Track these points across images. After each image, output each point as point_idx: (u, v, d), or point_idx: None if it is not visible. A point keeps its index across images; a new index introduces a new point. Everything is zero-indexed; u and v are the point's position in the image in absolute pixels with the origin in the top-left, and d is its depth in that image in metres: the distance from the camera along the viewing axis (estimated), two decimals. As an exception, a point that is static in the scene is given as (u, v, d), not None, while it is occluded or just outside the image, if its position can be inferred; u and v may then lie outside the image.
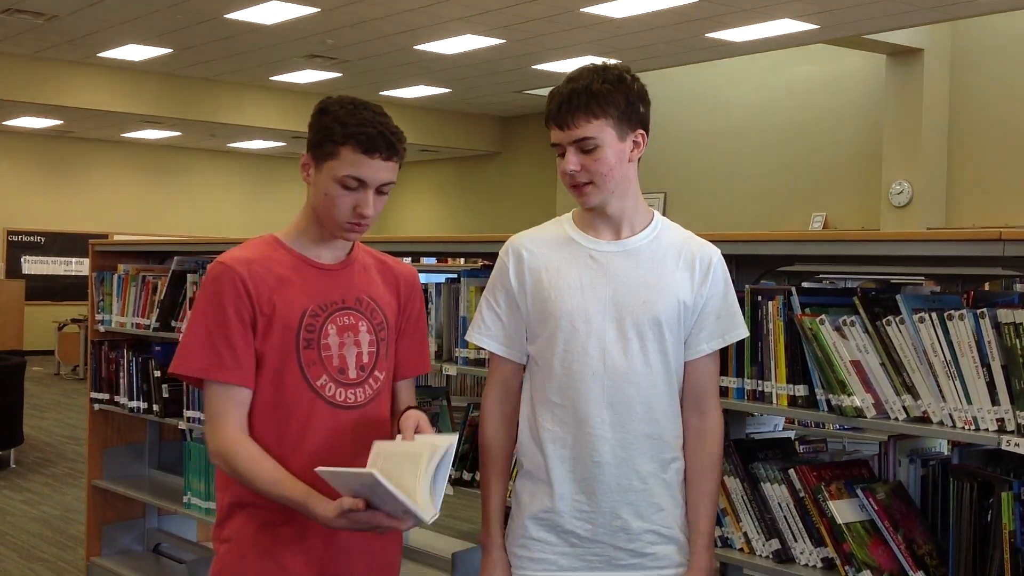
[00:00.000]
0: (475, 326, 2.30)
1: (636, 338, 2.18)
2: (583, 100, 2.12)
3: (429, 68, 13.04)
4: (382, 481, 1.92)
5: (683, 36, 10.98)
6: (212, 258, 4.64)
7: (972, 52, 11.04)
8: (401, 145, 2.18)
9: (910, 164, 11.10)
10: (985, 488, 2.19)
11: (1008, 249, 2.18)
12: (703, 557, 2.25)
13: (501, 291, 2.27)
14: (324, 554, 2.21)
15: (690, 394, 2.26)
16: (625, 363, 2.17)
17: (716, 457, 2.28)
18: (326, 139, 2.15)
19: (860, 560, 2.34)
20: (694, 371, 2.26)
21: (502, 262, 2.28)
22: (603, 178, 2.15)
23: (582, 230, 2.25)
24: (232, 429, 2.14)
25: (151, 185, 18.41)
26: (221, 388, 2.15)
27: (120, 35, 11.72)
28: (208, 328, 2.16)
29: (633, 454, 2.19)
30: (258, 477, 2.10)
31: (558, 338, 2.19)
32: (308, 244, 2.25)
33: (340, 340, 2.22)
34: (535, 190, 16.17)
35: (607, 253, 2.22)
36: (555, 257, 2.24)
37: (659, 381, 2.20)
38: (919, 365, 2.29)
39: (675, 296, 2.20)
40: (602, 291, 2.19)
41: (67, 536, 6.14)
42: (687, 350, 2.24)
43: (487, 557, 2.28)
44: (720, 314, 2.25)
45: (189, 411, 4.48)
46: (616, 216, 2.22)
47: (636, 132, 2.18)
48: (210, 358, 2.14)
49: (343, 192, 2.14)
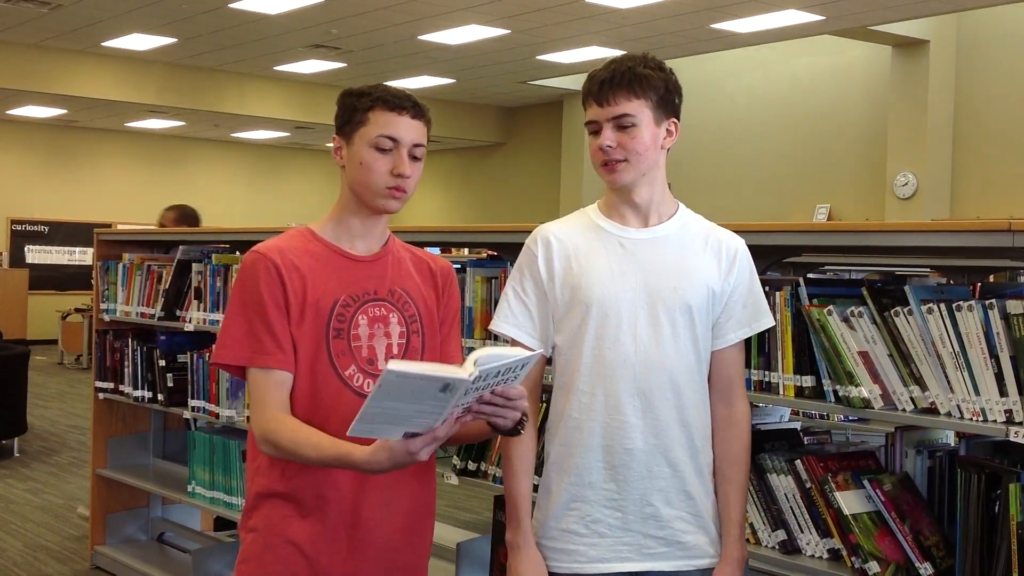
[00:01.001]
0: (501, 315, 2.28)
1: (668, 324, 2.18)
2: (626, 79, 2.15)
3: (433, 58, 13.02)
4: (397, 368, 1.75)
5: (688, 27, 10.95)
6: (217, 248, 4.67)
7: (977, 43, 11.01)
8: (427, 112, 2.24)
9: (915, 156, 11.07)
10: (993, 479, 2.19)
11: (1018, 240, 2.18)
12: (736, 547, 2.24)
13: (529, 279, 2.26)
14: (348, 544, 2.21)
15: (718, 383, 2.26)
16: (657, 350, 2.17)
17: (745, 447, 2.28)
18: (355, 111, 2.20)
19: (867, 551, 2.33)
20: (722, 360, 2.26)
21: (530, 251, 2.27)
22: (638, 157, 2.17)
23: (609, 218, 2.26)
24: (274, 411, 2.13)
25: (155, 175, 18.40)
26: (263, 374, 2.15)
27: (124, 24, 11.71)
28: (246, 316, 2.16)
29: (664, 441, 2.19)
30: (301, 446, 2.07)
31: (589, 325, 2.18)
32: (342, 235, 2.27)
33: (370, 331, 2.22)
34: (539, 181, 16.14)
35: (636, 240, 2.22)
36: (584, 245, 2.23)
37: (689, 368, 2.20)
38: (927, 356, 2.28)
39: (704, 283, 2.21)
40: (632, 278, 2.19)
41: (71, 525, 6.15)
42: (715, 340, 2.25)
43: (519, 555, 2.22)
44: (747, 303, 2.26)
45: (194, 400, 4.48)
46: (644, 203, 2.23)
47: (670, 120, 2.22)
48: (251, 346, 2.15)
49: (378, 155, 2.18)
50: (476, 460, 3.27)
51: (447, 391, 1.79)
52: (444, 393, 1.79)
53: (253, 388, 2.16)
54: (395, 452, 1.90)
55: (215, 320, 4.34)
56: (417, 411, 1.83)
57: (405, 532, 2.27)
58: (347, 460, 2.00)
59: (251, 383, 2.17)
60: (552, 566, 2.22)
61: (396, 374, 1.74)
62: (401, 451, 1.90)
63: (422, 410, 1.82)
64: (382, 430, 1.87)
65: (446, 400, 1.81)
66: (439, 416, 1.84)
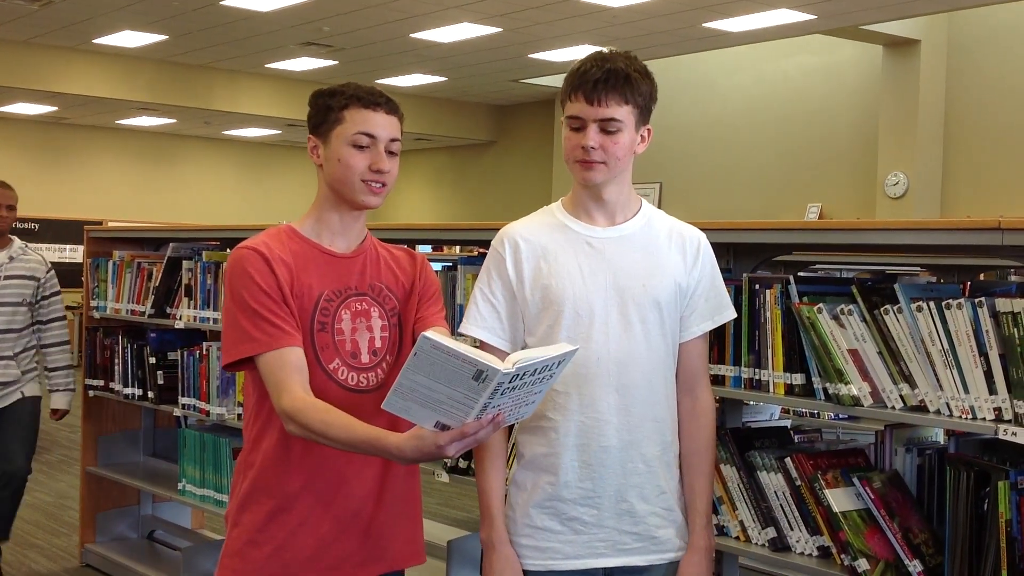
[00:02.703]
0: (470, 318, 2.29)
1: (639, 322, 2.20)
2: (620, 82, 2.15)
3: (425, 56, 13.00)
4: (434, 338, 1.76)
5: (680, 26, 10.95)
6: (207, 245, 4.66)
7: (968, 43, 11.02)
8: (399, 107, 2.27)
9: (906, 155, 11.09)
10: (982, 477, 2.20)
11: (1007, 238, 2.18)
12: (702, 536, 2.27)
13: (498, 281, 2.26)
14: (333, 539, 2.22)
15: (683, 376, 2.29)
16: (629, 347, 2.19)
17: (710, 437, 2.31)
18: (329, 111, 2.23)
19: (856, 549, 2.34)
20: (686, 353, 2.29)
21: (497, 252, 2.28)
22: (616, 161, 2.18)
23: (575, 216, 2.27)
24: (300, 391, 2.11)
25: (146, 172, 18.34)
26: (274, 356, 2.14)
27: (115, 21, 11.67)
28: (247, 309, 2.16)
29: (638, 437, 2.21)
30: (332, 427, 2.05)
31: (562, 325, 2.19)
32: (323, 232, 2.29)
33: (353, 325, 2.25)
34: (531, 179, 16.13)
35: (604, 239, 2.24)
36: (552, 245, 2.24)
37: (661, 364, 2.23)
38: (916, 354, 2.29)
39: (672, 278, 2.24)
40: (602, 277, 2.21)
41: (61, 523, 6.13)
42: (680, 333, 2.27)
43: (494, 554, 2.22)
44: (710, 296, 2.29)
45: (184, 398, 4.47)
46: (612, 202, 2.25)
47: (645, 127, 2.23)
48: (254, 336, 2.15)
49: (356, 152, 2.20)
50: (466, 458, 3.26)
51: (481, 380, 1.78)
52: (477, 383, 1.78)
53: (269, 373, 2.14)
54: (424, 442, 1.90)
55: (205, 317, 4.34)
56: (449, 396, 1.82)
57: (394, 523, 2.28)
58: (379, 444, 2.00)
59: (263, 371, 2.15)
60: (527, 564, 2.23)
61: (431, 343, 1.76)
62: (430, 443, 1.89)
63: (454, 396, 1.82)
64: (414, 411, 1.87)
65: (479, 391, 1.79)
66: (471, 409, 1.83)
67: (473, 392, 1.80)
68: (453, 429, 1.87)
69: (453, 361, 1.77)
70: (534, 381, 1.86)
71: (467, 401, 1.82)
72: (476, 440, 1.89)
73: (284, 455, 2.21)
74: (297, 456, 2.20)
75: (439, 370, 1.79)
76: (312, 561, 2.21)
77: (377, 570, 2.28)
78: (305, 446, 2.18)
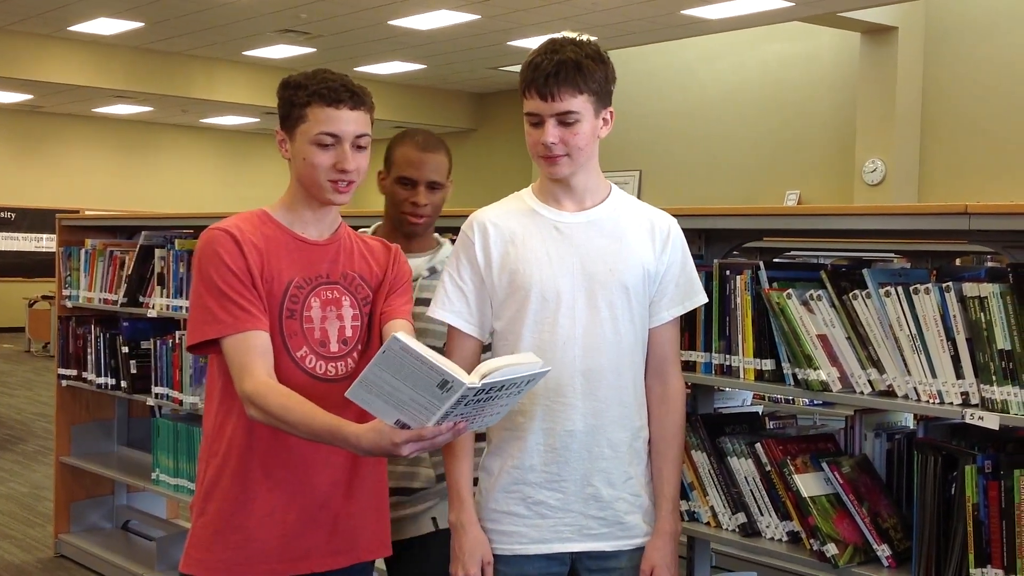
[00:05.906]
0: (438, 301, 2.28)
1: (606, 307, 2.20)
2: (571, 74, 2.12)
3: (404, 44, 12.95)
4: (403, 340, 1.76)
5: (658, 13, 10.94)
6: (180, 233, 4.63)
7: (946, 30, 11.06)
8: (367, 97, 2.21)
9: (884, 142, 11.12)
10: (949, 461, 2.20)
11: (975, 223, 2.19)
12: (668, 521, 2.27)
13: (466, 266, 2.26)
14: (300, 529, 2.21)
15: (652, 362, 2.29)
16: (596, 331, 2.19)
17: (680, 423, 2.31)
18: (293, 106, 2.19)
19: (825, 533, 2.34)
20: (656, 338, 2.28)
21: (466, 237, 2.28)
22: (579, 152, 2.17)
23: (544, 202, 2.27)
24: (263, 375, 2.10)
25: (123, 161, 18.24)
26: (239, 339, 2.12)
27: (91, 8, 11.57)
28: (211, 290, 2.14)
29: (604, 422, 2.21)
30: (292, 412, 2.04)
31: (528, 310, 2.19)
32: (295, 220, 2.26)
33: (323, 313, 2.23)
34: (511, 167, 16.10)
35: (571, 224, 2.24)
36: (520, 230, 2.24)
37: (629, 349, 2.23)
38: (885, 339, 2.29)
39: (640, 263, 2.23)
40: (569, 261, 2.20)
41: (36, 513, 6.09)
42: (649, 318, 2.27)
43: (463, 535, 2.23)
44: (680, 281, 2.29)
45: (157, 387, 4.44)
46: (579, 188, 2.24)
47: (607, 110, 2.22)
48: (220, 318, 2.13)
49: (320, 152, 2.16)
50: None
51: (445, 390, 1.79)
52: (442, 391, 1.79)
53: (234, 355, 2.12)
54: (382, 437, 1.90)
55: (178, 306, 4.30)
56: (412, 399, 1.82)
57: (363, 514, 2.28)
58: (338, 432, 1.99)
59: (231, 351, 2.13)
60: (495, 548, 2.23)
61: (401, 344, 1.76)
62: (387, 439, 1.89)
63: (417, 400, 1.82)
64: (377, 405, 1.87)
65: (442, 400, 1.80)
66: (432, 414, 1.83)
67: (437, 399, 1.81)
68: (412, 429, 1.87)
69: (420, 366, 1.77)
70: (500, 396, 1.87)
71: (430, 406, 1.82)
72: (433, 444, 1.91)
73: (248, 443, 2.19)
74: (262, 445, 2.19)
75: (406, 372, 1.79)
76: (279, 551, 2.20)
77: (345, 561, 2.27)
78: (271, 435, 2.16)
